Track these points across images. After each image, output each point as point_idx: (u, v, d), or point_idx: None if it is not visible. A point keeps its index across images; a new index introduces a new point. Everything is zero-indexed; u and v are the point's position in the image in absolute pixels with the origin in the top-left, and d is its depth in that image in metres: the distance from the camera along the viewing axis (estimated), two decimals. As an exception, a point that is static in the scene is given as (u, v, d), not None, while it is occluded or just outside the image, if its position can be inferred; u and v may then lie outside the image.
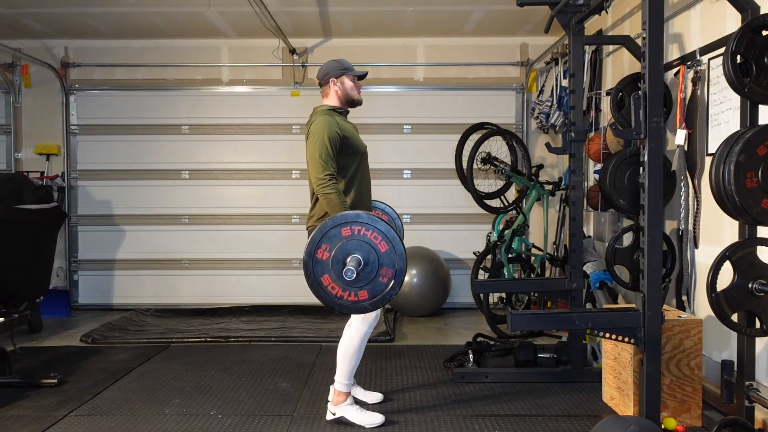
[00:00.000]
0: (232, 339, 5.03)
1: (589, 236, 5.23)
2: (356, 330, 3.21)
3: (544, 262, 5.47)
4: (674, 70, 3.78)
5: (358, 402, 3.36)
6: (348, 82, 3.33)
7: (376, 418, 3.19)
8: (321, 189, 3.06)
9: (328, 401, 3.30)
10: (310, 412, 3.41)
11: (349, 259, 2.77)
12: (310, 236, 2.82)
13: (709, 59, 3.47)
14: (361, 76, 3.39)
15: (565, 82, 5.43)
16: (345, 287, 2.82)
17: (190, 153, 6.49)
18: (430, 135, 6.42)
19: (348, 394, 3.25)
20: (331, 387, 3.29)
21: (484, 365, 4.14)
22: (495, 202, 5.40)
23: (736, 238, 2.86)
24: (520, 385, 3.79)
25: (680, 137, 3.58)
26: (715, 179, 2.44)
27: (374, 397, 3.54)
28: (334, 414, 3.23)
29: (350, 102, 3.36)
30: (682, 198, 3.61)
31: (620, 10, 4.76)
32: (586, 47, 4.83)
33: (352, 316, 3.24)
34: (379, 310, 3.21)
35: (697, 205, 3.55)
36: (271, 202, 6.46)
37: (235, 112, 6.48)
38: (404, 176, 6.46)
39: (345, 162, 3.21)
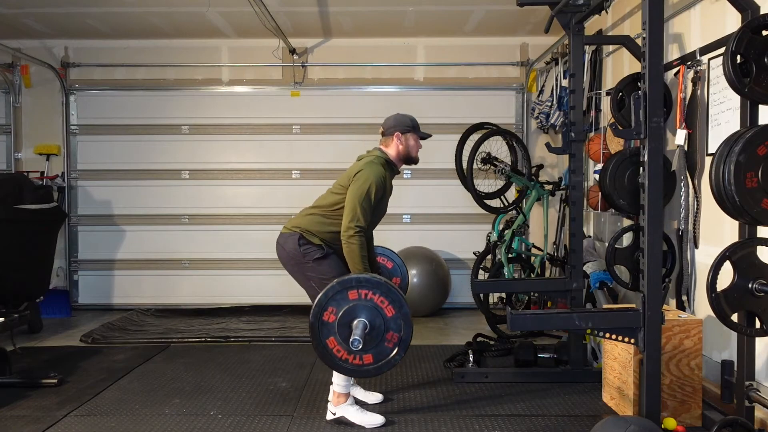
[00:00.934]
0: (232, 339, 5.03)
1: (589, 236, 5.23)
2: None
3: (544, 262, 5.47)
4: (674, 70, 3.78)
5: (358, 402, 3.36)
6: (412, 141, 3.45)
7: (376, 419, 3.19)
8: (348, 238, 3.13)
9: (328, 401, 3.30)
10: (310, 412, 3.41)
11: (355, 323, 2.80)
12: (317, 298, 2.85)
13: (709, 59, 3.47)
14: (424, 137, 3.47)
15: (565, 82, 5.42)
16: (350, 351, 2.86)
17: (190, 153, 6.48)
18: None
19: (348, 394, 3.25)
20: (331, 387, 3.29)
21: (484, 365, 4.14)
22: (495, 202, 5.40)
23: (736, 238, 2.86)
24: (520, 385, 3.79)
25: (680, 137, 3.58)
26: (715, 179, 2.44)
27: (374, 397, 3.54)
28: (334, 414, 3.24)
29: (407, 159, 3.46)
30: (682, 198, 3.61)
31: (620, 10, 4.76)
32: (586, 47, 4.83)
33: None
34: None
35: (697, 205, 3.55)
36: (271, 202, 6.45)
37: (235, 112, 6.48)
38: (404, 176, 6.45)
39: (375, 208, 3.28)
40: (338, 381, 3.23)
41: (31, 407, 3.51)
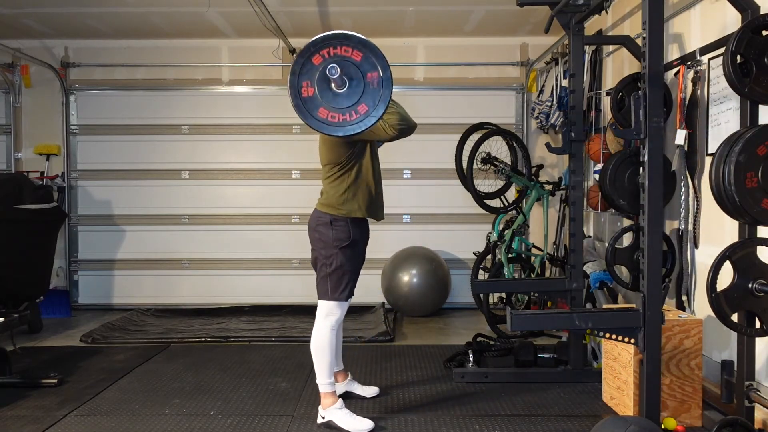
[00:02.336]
0: (232, 339, 5.03)
1: (589, 236, 5.23)
2: (321, 325, 3.24)
3: (544, 262, 5.47)
4: (674, 70, 3.78)
5: (356, 398, 3.35)
6: None
7: (364, 424, 3.15)
8: (398, 123, 3.19)
9: (319, 405, 3.28)
10: (310, 412, 3.41)
11: (332, 80, 2.69)
12: (289, 82, 2.74)
13: (709, 59, 3.47)
14: None
15: (565, 82, 5.42)
16: (344, 110, 2.73)
17: (190, 153, 6.49)
18: (430, 135, 6.41)
19: (334, 394, 3.23)
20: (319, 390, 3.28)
21: (484, 365, 4.14)
22: (495, 202, 5.40)
23: (736, 238, 2.86)
24: (520, 385, 3.79)
25: (680, 137, 3.58)
26: (715, 179, 2.44)
27: (371, 390, 3.55)
28: (323, 418, 3.21)
29: None
30: (682, 198, 3.61)
31: (620, 10, 4.76)
32: (586, 47, 4.83)
33: (318, 311, 3.27)
34: (343, 311, 3.26)
35: (697, 205, 3.55)
36: (271, 202, 6.46)
37: (235, 112, 6.48)
38: (404, 176, 6.46)
39: (359, 150, 3.29)
40: (321, 380, 3.21)
41: (31, 407, 3.51)
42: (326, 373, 3.22)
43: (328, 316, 3.25)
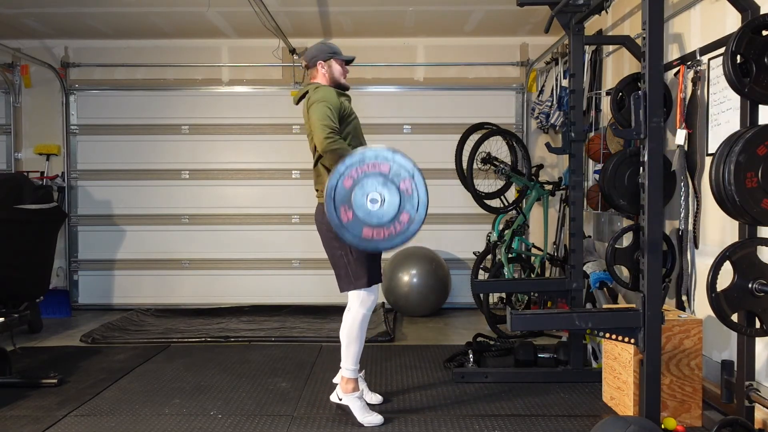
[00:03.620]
0: (232, 339, 5.03)
1: (589, 236, 5.23)
2: (355, 313, 3.23)
3: (544, 262, 5.47)
4: (674, 70, 3.78)
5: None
6: (336, 66, 3.37)
7: (376, 419, 3.20)
8: (328, 145, 3.03)
9: (335, 383, 3.29)
10: (310, 412, 3.41)
11: (369, 198, 2.73)
12: (327, 212, 2.78)
13: (709, 59, 3.47)
14: (349, 61, 3.40)
15: (565, 82, 5.42)
16: (387, 225, 2.77)
17: (190, 153, 6.49)
18: (430, 135, 6.42)
19: (356, 381, 3.26)
20: (340, 373, 3.29)
21: (484, 365, 4.14)
22: (495, 202, 5.40)
23: (736, 238, 2.86)
24: (520, 385, 3.79)
25: (680, 137, 3.58)
26: (715, 179, 2.44)
27: (375, 398, 3.54)
28: (340, 399, 3.25)
29: (337, 86, 3.37)
30: (682, 198, 3.61)
31: (620, 10, 4.76)
32: (586, 47, 4.83)
33: (350, 300, 3.26)
34: (376, 295, 3.26)
35: (697, 205, 3.55)
36: (271, 202, 6.46)
37: (235, 112, 6.48)
38: (404, 176, 6.45)
39: (343, 129, 3.22)
40: (347, 365, 3.23)
41: (31, 407, 3.51)
42: (353, 359, 3.24)
43: (363, 302, 3.23)
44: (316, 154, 3.29)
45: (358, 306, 3.24)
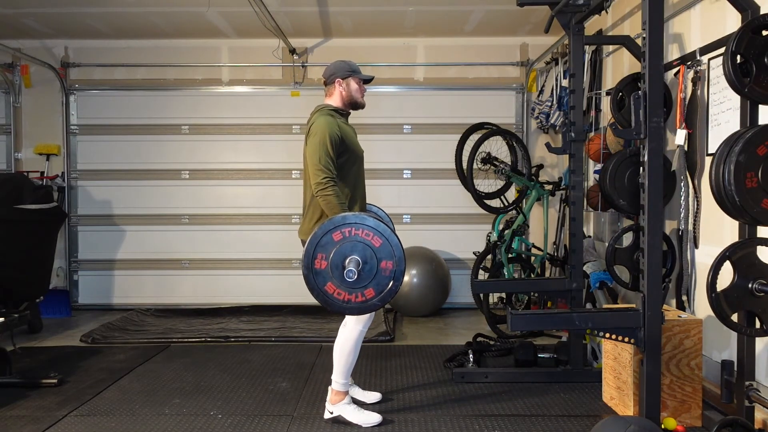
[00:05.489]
0: (232, 339, 5.03)
1: (589, 236, 5.23)
2: (351, 330, 3.21)
3: (544, 262, 5.47)
4: (674, 70, 3.78)
5: (356, 402, 3.36)
6: (354, 85, 3.33)
7: (373, 418, 3.20)
8: (321, 192, 3.05)
9: (326, 401, 3.30)
10: (310, 412, 3.41)
11: (347, 262, 2.77)
12: (305, 249, 2.82)
13: (709, 59, 3.47)
14: (367, 80, 3.40)
15: (565, 82, 5.42)
16: (351, 290, 2.82)
17: (190, 153, 6.49)
18: (430, 135, 6.42)
19: (345, 393, 3.25)
20: (330, 387, 3.29)
21: (484, 365, 4.14)
22: (495, 202, 5.40)
23: (736, 238, 2.86)
24: (520, 385, 3.79)
25: (680, 137, 3.58)
26: (715, 179, 2.44)
27: (373, 396, 3.54)
28: (331, 413, 3.24)
29: (353, 104, 3.36)
30: (682, 198, 3.61)
31: (620, 10, 4.76)
32: (586, 47, 4.83)
33: (347, 316, 3.24)
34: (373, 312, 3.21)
35: (697, 205, 3.55)
36: (271, 202, 6.46)
37: (235, 112, 6.48)
38: (404, 176, 6.46)
39: (341, 165, 3.19)
40: (337, 378, 3.23)
41: (31, 407, 3.51)
42: (344, 373, 3.23)
43: (359, 319, 3.21)
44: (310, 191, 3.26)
45: (355, 323, 3.22)
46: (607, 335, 2.82)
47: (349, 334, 3.21)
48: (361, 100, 3.38)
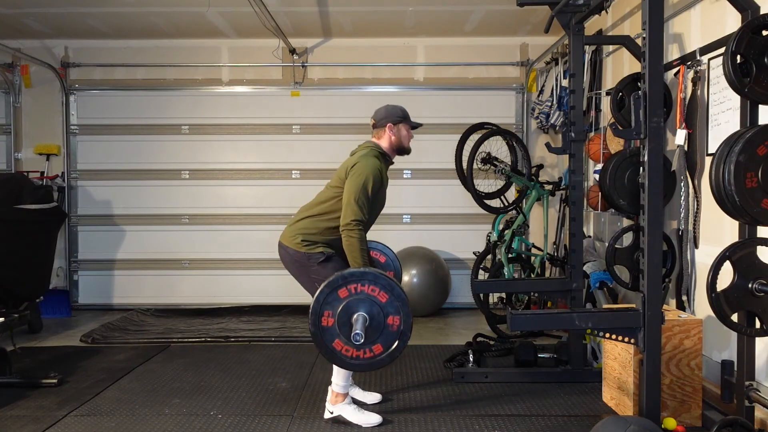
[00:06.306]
0: (232, 339, 5.03)
1: (589, 236, 5.23)
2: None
3: (544, 262, 5.47)
4: (674, 70, 3.78)
5: (356, 402, 3.36)
6: (404, 132, 3.41)
7: (373, 418, 3.20)
8: (348, 231, 3.12)
9: (326, 401, 3.30)
10: (310, 412, 3.41)
11: (354, 318, 2.80)
12: (311, 307, 2.85)
13: (709, 59, 3.47)
14: (415, 127, 3.47)
15: (565, 82, 5.43)
16: (358, 347, 2.86)
17: (190, 153, 6.49)
18: (430, 135, 6.41)
19: (346, 395, 3.26)
20: (330, 387, 3.29)
21: (484, 365, 4.14)
22: (495, 202, 5.40)
23: (736, 238, 2.86)
24: (520, 385, 3.79)
25: (680, 137, 3.58)
26: (715, 179, 2.44)
27: (373, 397, 3.54)
28: (331, 413, 3.24)
29: (400, 150, 3.43)
30: (682, 198, 3.61)
31: (620, 10, 4.76)
32: (586, 47, 4.83)
33: None
34: None
35: (697, 205, 3.55)
36: (271, 202, 6.46)
37: (235, 112, 6.48)
38: (404, 176, 6.46)
39: (372, 199, 3.25)
40: (337, 381, 3.23)
41: (31, 407, 3.51)
42: (344, 376, 3.23)
43: None
44: (321, 206, 3.32)
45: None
46: (607, 335, 2.82)
47: None
48: (408, 146, 3.45)
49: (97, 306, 6.44)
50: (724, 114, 3.33)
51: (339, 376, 3.22)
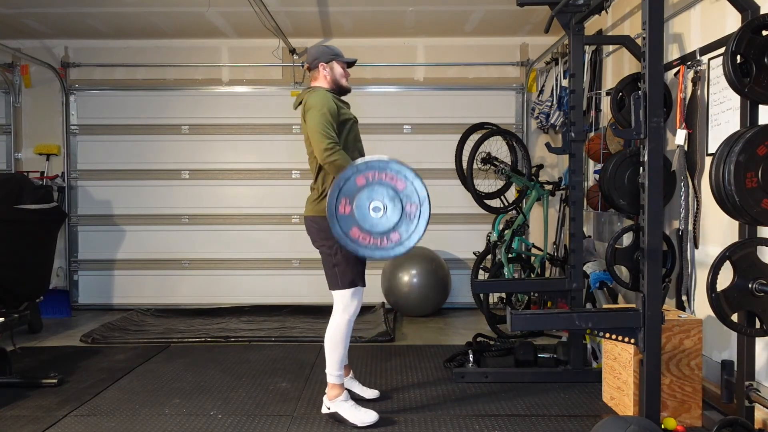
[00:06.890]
0: (232, 339, 5.03)
1: (589, 236, 5.23)
2: (339, 319, 3.24)
3: (544, 262, 5.47)
4: (674, 70, 3.78)
5: (354, 398, 3.36)
6: (337, 68, 3.37)
7: (369, 417, 3.18)
8: (327, 157, 3.05)
9: (324, 395, 3.30)
10: (310, 412, 3.41)
11: (371, 204, 2.75)
12: (328, 196, 2.79)
13: (709, 59, 3.47)
14: (350, 63, 3.41)
15: (565, 82, 5.42)
16: (376, 234, 2.78)
17: (190, 153, 6.49)
18: (430, 135, 6.42)
19: (341, 386, 3.25)
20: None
21: (484, 365, 4.14)
22: (495, 202, 5.40)
23: (736, 238, 2.86)
24: (520, 385, 3.79)
25: (680, 137, 3.58)
26: (715, 179, 2.44)
27: (371, 393, 3.55)
28: (329, 408, 3.25)
29: (339, 88, 3.38)
30: (682, 198, 3.61)
31: (620, 10, 4.76)
32: (586, 47, 4.83)
33: (334, 305, 3.27)
34: (359, 301, 3.25)
35: (697, 205, 3.55)
36: (271, 202, 6.46)
37: (235, 112, 6.48)
38: (404, 176, 6.45)
39: (340, 132, 3.21)
40: (331, 370, 3.23)
41: (31, 407, 3.51)
42: (337, 365, 3.24)
43: (346, 308, 3.23)
44: (316, 162, 3.27)
45: (342, 311, 3.24)
46: (607, 335, 2.82)
47: (338, 324, 3.24)
48: (346, 83, 3.40)
49: (97, 306, 6.44)
50: (724, 114, 3.33)
51: (332, 364, 3.23)
